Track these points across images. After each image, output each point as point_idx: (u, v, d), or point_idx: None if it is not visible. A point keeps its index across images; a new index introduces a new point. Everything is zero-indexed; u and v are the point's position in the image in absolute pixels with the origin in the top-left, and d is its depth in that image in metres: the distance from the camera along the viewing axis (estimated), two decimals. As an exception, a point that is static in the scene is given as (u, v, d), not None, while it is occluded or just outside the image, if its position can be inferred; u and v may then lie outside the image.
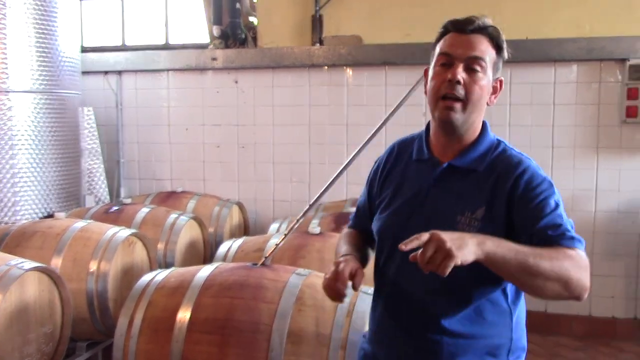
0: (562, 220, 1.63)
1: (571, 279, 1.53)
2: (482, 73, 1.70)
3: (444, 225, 1.64)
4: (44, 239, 3.85)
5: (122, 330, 2.73)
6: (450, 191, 1.74)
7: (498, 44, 1.74)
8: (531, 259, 1.49)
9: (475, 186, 1.71)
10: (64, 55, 5.00)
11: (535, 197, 1.65)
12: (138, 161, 6.20)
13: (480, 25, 1.73)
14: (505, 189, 1.67)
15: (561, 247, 1.57)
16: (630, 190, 5.00)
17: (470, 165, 1.74)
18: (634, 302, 5.05)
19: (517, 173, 1.68)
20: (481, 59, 1.70)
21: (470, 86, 1.69)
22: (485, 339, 1.71)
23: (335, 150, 5.54)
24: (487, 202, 1.68)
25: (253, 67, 5.77)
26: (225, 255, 3.71)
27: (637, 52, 4.88)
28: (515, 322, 1.76)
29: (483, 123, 1.82)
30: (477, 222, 1.66)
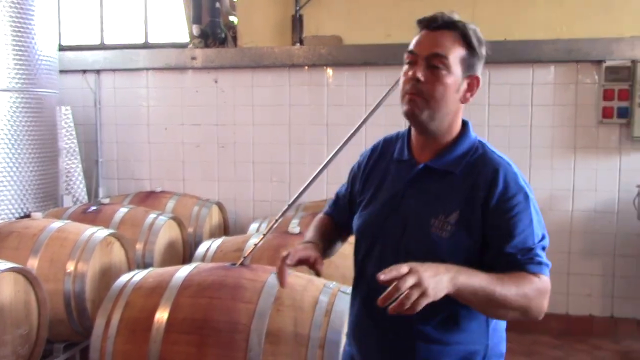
0: (533, 242, 1.61)
1: (531, 307, 1.57)
2: (445, 70, 1.65)
3: (419, 228, 1.67)
4: (20, 239, 3.80)
5: (99, 331, 2.70)
6: (426, 193, 1.71)
7: (468, 40, 1.68)
8: (498, 291, 1.51)
9: (451, 189, 1.68)
10: (41, 53, 4.94)
11: (508, 211, 1.62)
12: (117, 161, 6.15)
13: (445, 21, 1.68)
14: (480, 196, 1.64)
15: (527, 274, 1.58)
16: (607, 190, 5.07)
17: (446, 167, 1.71)
18: (611, 300, 5.12)
19: (493, 181, 1.64)
20: (442, 56, 1.65)
21: (432, 84, 1.65)
22: (459, 345, 1.69)
23: (315, 150, 5.54)
24: (461, 207, 1.65)
25: (233, 67, 5.75)
26: (205, 256, 3.70)
27: (613, 53, 4.95)
28: (491, 329, 1.74)
29: (464, 123, 1.79)
30: (450, 226, 1.64)
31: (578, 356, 4.72)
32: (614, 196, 5.07)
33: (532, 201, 1.66)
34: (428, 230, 1.65)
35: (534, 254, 1.60)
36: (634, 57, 4.90)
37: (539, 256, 1.61)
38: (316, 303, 2.63)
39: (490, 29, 5.15)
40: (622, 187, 5.03)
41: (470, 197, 1.65)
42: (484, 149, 1.74)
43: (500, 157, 1.72)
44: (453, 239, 1.63)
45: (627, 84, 4.92)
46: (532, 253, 1.60)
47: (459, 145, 1.73)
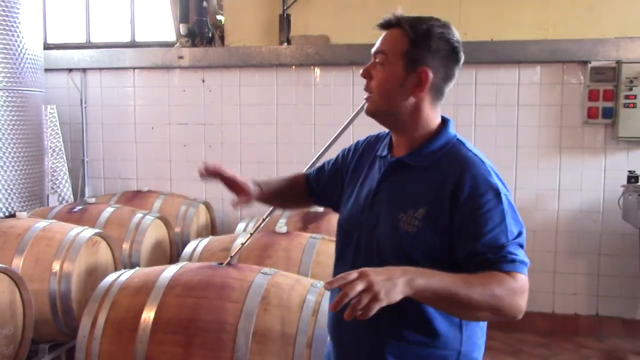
0: (505, 239, 1.57)
1: (503, 307, 1.52)
2: (384, 65, 1.71)
3: (389, 223, 1.69)
4: (4, 239, 3.77)
5: (85, 331, 2.69)
6: (398, 188, 1.73)
7: (412, 34, 1.68)
8: (462, 292, 1.48)
9: (420, 184, 1.68)
10: (26, 51, 4.90)
11: (477, 209, 1.59)
12: (103, 160, 6.12)
13: (389, 19, 1.74)
14: (448, 193, 1.61)
15: (498, 273, 1.53)
16: (592, 189, 5.11)
17: (417, 162, 1.71)
18: (596, 299, 5.16)
19: (462, 178, 1.61)
20: (381, 51, 1.72)
21: (373, 80, 1.73)
22: (429, 347, 1.67)
23: (302, 150, 5.54)
24: (429, 203, 1.63)
25: (220, 66, 5.74)
26: (191, 255, 3.69)
27: (598, 54, 4.98)
28: (465, 336, 1.70)
29: (444, 121, 1.79)
30: (417, 221, 1.63)
31: (563, 354, 4.75)
32: (599, 196, 5.11)
33: (505, 198, 1.62)
34: (397, 225, 1.66)
35: (507, 252, 1.56)
36: (618, 58, 4.95)
37: (513, 254, 1.56)
38: (303, 302, 2.63)
39: (477, 29, 5.20)
40: (607, 187, 5.07)
41: (439, 194, 1.63)
42: (459, 146, 1.73)
43: (474, 154, 1.70)
44: (420, 235, 1.62)
45: (612, 84, 4.96)
46: (505, 251, 1.56)
47: (434, 142, 1.73)
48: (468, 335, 1.71)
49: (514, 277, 1.53)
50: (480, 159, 1.69)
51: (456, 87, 6.09)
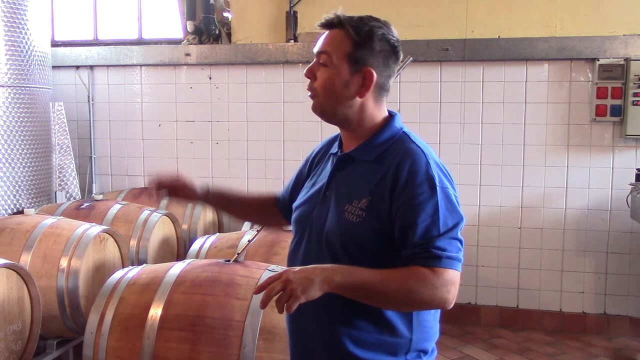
0: (435, 231, 1.60)
1: (420, 300, 1.58)
2: (326, 66, 1.75)
3: (336, 215, 1.73)
4: (13, 235, 3.78)
5: (93, 327, 2.70)
6: (344, 182, 1.78)
7: (355, 35, 1.74)
8: (379, 288, 1.57)
9: (365, 176, 1.73)
10: (34, 49, 4.91)
11: (410, 199, 1.62)
12: (110, 157, 6.13)
13: (331, 19, 1.80)
14: (389, 182, 1.66)
15: (419, 268, 1.58)
16: (600, 187, 5.08)
17: (362, 156, 1.77)
18: (603, 298, 5.14)
19: (399, 169, 1.66)
20: (324, 52, 1.76)
21: (317, 80, 1.77)
22: (381, 334, 1.71)
23: (309, 147, 5.44)
24: (371, 193, 1.69)
25: (227, 63, 5.74)
26: (198, 252, 3.70)
27: (607, 51, 4.96)
28: (415, 323, 1.73)
29: (391, 116, 1.82)
30: (361, 211, 1.68)
31: (571, 353, 4.74)
32: (607, 194, 5.08)
33: (441, 191, 1.64)
34: (342, 216, 1.71)
35: (434, 247, 1.59)
36: (627, 55, 4.92)
37: (440, 249, 1.59)
38: (310, 300, 2.63)
39: (484, 26, 5.19)
40: (615, 185, 5.05)
41: (380, 184, 1.68)
42: (402, 139, 1.77)
43: (417, 146, 1.73)
44: (363, 224, 1.67)
45: (621, 82, 4.94)
46: (432, 245, 1.59)
47: (380, 136, 1.78)
48: (419, 322, 1.74)
49: (436, 273, 1.57)
50: (422, 151, 1.71)
51: (463, 84, 6.12)
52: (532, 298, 5.25)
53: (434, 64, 5.19)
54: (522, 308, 5.26)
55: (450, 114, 5.24)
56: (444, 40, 5.09)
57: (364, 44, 1.73)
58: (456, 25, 5.16)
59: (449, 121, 5.24)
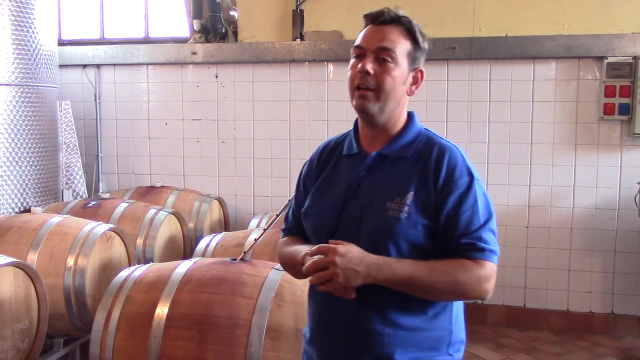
0: (477, 222, 1.68)
1: (466, 292, 1.65)
2: (392, 63, 1.73)
3: (376, 213, 1.72)
4: (20, 234, 3.80)
5: (99, 326, 2.70)
6: (381, 180, 1.77)
7: (412, 35, 1.77)
8: (425, 280, 1.62)
9: (403, 173, 1.74)
10: (41, 48, 4.92)
11: (453, 191, 1.68)
12: (117, 156, 6.14)
13: (391, 16, 1.76)
14: (430, 177, 1.71)
15: (464, 261, 1.65)
16: (608, 187, 5.05)
17: (398, 153, 1.78)
18: (611, 297, 5.12)
19: (440, 163, 1.71)
20: (390, 49, 1.73)
21: (380, 76, 1.72)
22: (425, 331, 1.73)
23: (315, 146, 5.45)
24: (415, 188, 1.71)
25: (233, 62, 5.74)
26: (205, 251, 3.70)
27: (615, 50, 4.93)
28: (454, 315, 1.79)
29: (409, 114, 1.85)
30: (406, 206, 1.69)
31: (578, 353, 4.72)
32: (614, 193, 5.06)
33: (477, 183, 1.72)
34: (385, 213, 1.70)
35: (478, 238, 1.66)
36: (635, 54, 4.89)
37: (484, 241, 1.66)
38: (317, 299, 2.62)
39: (491, 24, 5.17)
40: (623, 184, 5.02)
41: (422, 179, 1.71)
42: (431, 136, 1.82)
43: (447, 141, 1.80)
44: (409, 219, 1.69)
45: (629, 80, 4.91)
46: (476, 236, 1.66)
47: (406, 134, 1.81)
48: (456, 314, 1.81)
49: (481, 265, 1.65)
50: (453, 145, 1.78)
51: (470, 82, 6.10)
52: (539, 297, 5.23)
53: (440, 62, 5.17)
54: (529, 307, 5.24)
55: (457, 112, 5.22)
56: (450, 38, 5.07)
57: (419, 43, 1.78)
58: (463, 24, 5.14)
59: (455, 120, 5.22)
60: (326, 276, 1.56)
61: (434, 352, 1.74)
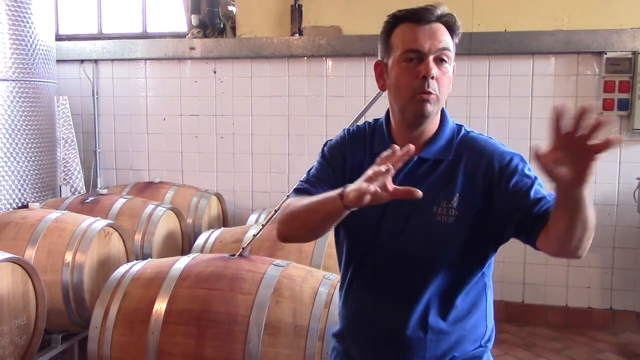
0: (543, 190, 1.65)
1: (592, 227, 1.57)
2: (449, 64, 1.67)
3: (422, 219, 1.67)
4: (17, 229, 3.78)
5: (97, 322, 2.70)
6: (423, 184, 1.67)
7: (455, 32, 1.70)
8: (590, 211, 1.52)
9: (446, 175, 1.70)
10: (38, 43, 4.90)
11: (513, 174, 1.65)
12: (115, 151, 6.13)
13: (439, 14, 1.67)
14: (477, 173, 1.67)
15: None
16: (606, 182, 5.05)
17: (438, 156, 1.72)
18: (609, 293, 5.12)
19: (487, 155, 1.69)
20: (448, 49, 1.66)
21: (441, 79, 1.65)
22: (465, 330, 1.72)
23: (314, 141, 5.52)
24: (460, 189, 1.67)
25: (232, 57, 5.72)
26: (203, 247, 3.69)
27: (614, 45, 4.92)
28: (489, 310, 1.80)
29: (442, 110, 1.79)
30: (453, 210, 1.65)
31: (577, 348, 4.72)
32: (613, 189, 5.05)
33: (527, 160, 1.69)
34: (432, 219, 1.66)
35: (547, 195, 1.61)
36: (635, 49, 4.88)
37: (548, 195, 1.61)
38: (315, 294, 2.62)
39: (490, 19, 5.15)
40: (622, 180, 5.02)
41: (468, 179, 1.67)
42: (466, 131, 1.79)
43: (480, 134, 1.79)
44: (458, 223, 1.65)
45: (628, 75, 4.90)
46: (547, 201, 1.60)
47: (443, 133, 1.76)
48: (490, 309, 1.80)
49: None
50: (488, 137, 1.78)
51: (469, 78, 6.07)
52: (537, 293, 5.23)
53: (439, 57, 5.14)
54: (527, 303, 5.24)
55: (456, 108, 5.19)
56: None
57: (457, 38, 1.72)
58: (462, 19, 5.07)
59: (454, 115, 5.11)
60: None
61: (471, 345, 1.74)
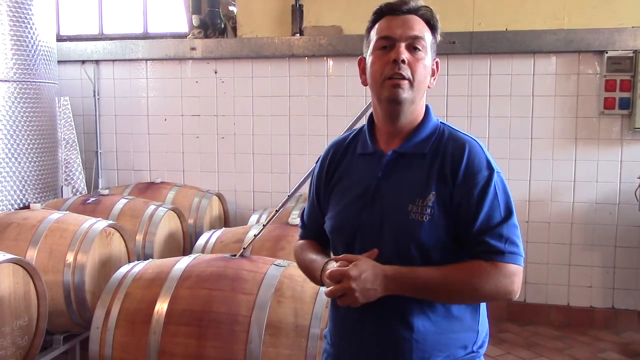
0: (498, 217, 1.62)
1: (484, 295, 1.61)
2: (423, 52, 1.68)
3: (397, 216, 1.66)
4: (19, 230, 3.79)
5: (99, 322, 2.70)
6: (399, 180, 1.70)
7: (432, 25, 1.72)
8: (442, 288, 1.60)
9: (422, 171, 1.67)
10: (39, 43, 4.90)
11: (473, 187, 1.62)
12: (116, 152, 6.13)
13: (414, 6, 1.69)
14: (448, 173, 1.64)
15: (482, 263, 1.60)
16: (608, 181, 5.05)
17: (414, 150, 1.71)
18: (611, 292, 5.11)
19: (459, 157, 1.65)
20: (421, 38, 1.68)
21: (414, 65, 1.66)
22: (454, 333, 1.70)
23: (315, 141, 5.52)
24: (435, 187, 1.64)
25: (232, 57, 5.72)
26: (205, 247, 3.69)
27: (615, 44, 4.91)
28: (480, 316, 1.76)
29: (426, 107, 1.78)
30: (429, 209, 1.63)
31: (579, 347, 4.71)
32: (615, 188, 5.05)
33: (497, 176, 1.65)
34: (406, 217, 1.64)
35: (498, 236, 1.60)
36: (636, 48, 4.87)
37: (503, 239, 1.60)
38: (317, 294, 2.62)
39: (491, 19, 5.15)
40: (623, 179, 5.01)
41: (441, 176, 1.65)
42: (449, 129, 1.75)
43: (465, 134, 1.73)
44: (433, 222, 1.63)
45: (629, 74, 4.89)
46: (496, 234, 1.60)
47: (424, 129, 1.74)
48: (482, 314, 1.77)
49: (498, 267, 1.59)
50: (472, 139, 1.72)
51: (470, 77, 6.06)
52: (539, 292, 5.22)
53: (440, 57, 5.09)
54: (529, 302, 5.23)
55: (457, 107, 5.20)
56: (450, 33, 5.05)
57: (437, 34, 1.74)
58: (463, 18, 5.13)
59: (455, 114, 5.20)
60: (349, 300, 1.57)
61: (462, 350, 1.72)
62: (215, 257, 2.93)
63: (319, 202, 1.90)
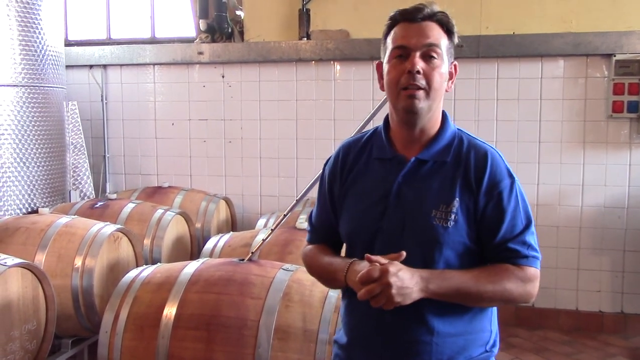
0: (520, 225, 1.68)
1: (513, 297, 1.67)
2: (439, 60, 1.68)
3: (421, 221, 1.67)
4: (27, 234, 3.80)
5: (107, 326, 2.70)
6: (421, 186, 1.71)
7: (449, 29, 1.73)
8: (474, 290, 1.63)
9: (445, 178, 1.70)
10: (47, 48, 4.93)
11: (497, 195, 1.67)
12: (124, 156, 6.15)
13: (429, 12, 1.71)
14: (472, 181, 1.68)
15: (510, 267, 1.67)
16: (617, 185, 5.02)
17: (437, 157, 1.72)
18: (621, 297, 5.08)
19: (482, 166, 1.69)
20: (436, 45, 1.68)
21: (429, 74, 1.66)
22: (470, 334, 1.72)
23: (322, 145, 5.52)
24: (460, 194, 1.67)
25: (240, 62, 5.73)
26: (212, 251, 3.69)
27: (623, 47, 4.90)
28: (494, 316, 1.81)
29: (443, 113, 1.79)
30: (452, 215, 1.66)
31: (588, 352, 4.69)
32: (623, 191, 5.02)
33: (517, 185, 1.71)
34: (430, 222, 1.66)
35: (521, 242, 1.68)
36: (644, 51, 4.86)
37: (526, 245, 1.68)
38: (325, 299, 2.61)
39: (499, 22, 5.14)
40: (632, 182, 4.99)
41: (465, 184, 1.68)
42: (467, 136, 1.78)
43: (484, 143, 1.77)
44: (457, 227, 1.66)
45: (638, 77, 4.87)
46: (519, 241, 1.68)
47: (443, 136, 1.75)
48: (495, 314, 1.82)
49: (524, 270, 1.68)
50: (492, 147, 1.76)
51: (478, 81, 6.06)
52: (548, 297, 5.20)
53: (448, 60, 5.13)
54: (538, 307, 5.21)
55: (465, 111, 5.19)
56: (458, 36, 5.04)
57: (453, 37, 1.75)
58: (470, 22, 5.12)
59: (463, 118, 5.18)
60: (384, 298, 1.52)
61: (477, 350, 1.75)
62: (223, 261, 2.93)
63: (332, 204, 1.88)
